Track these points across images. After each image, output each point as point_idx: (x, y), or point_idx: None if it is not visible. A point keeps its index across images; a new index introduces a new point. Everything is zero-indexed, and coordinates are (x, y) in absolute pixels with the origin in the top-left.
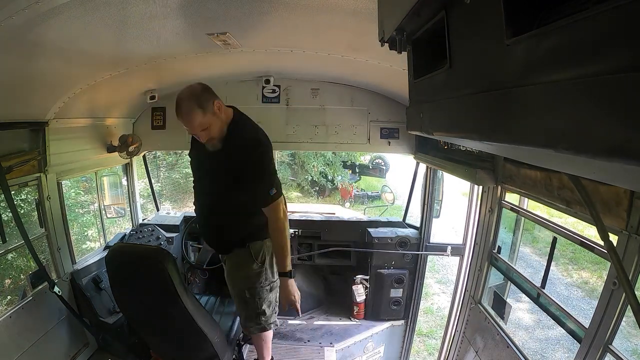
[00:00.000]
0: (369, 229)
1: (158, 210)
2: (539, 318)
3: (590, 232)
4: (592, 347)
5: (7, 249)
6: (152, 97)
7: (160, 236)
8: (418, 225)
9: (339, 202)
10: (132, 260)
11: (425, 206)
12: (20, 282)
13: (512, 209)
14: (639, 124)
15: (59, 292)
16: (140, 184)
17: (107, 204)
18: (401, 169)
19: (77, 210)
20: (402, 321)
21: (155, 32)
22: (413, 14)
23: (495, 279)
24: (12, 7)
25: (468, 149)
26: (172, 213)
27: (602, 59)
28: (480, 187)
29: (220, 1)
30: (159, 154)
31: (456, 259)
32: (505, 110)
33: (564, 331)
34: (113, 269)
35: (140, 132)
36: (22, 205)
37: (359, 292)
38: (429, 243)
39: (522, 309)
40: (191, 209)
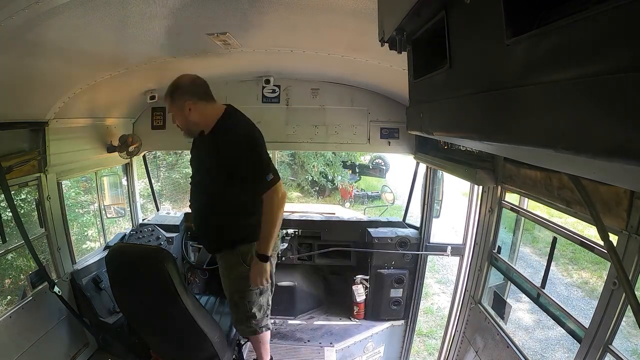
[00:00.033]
0: (369, 229)
1: (158, 210)
2: (539, 318)
3: (590, 232)
4: (592, 347)
5: (7, 249)
6: (152, 97)
7: (160, 236)
8: (418, 225)
9: (339, 202)
10: (132, 260)
11: (425, 206)
12: (20, 282)
13: (512, 209)
14: (639, 124)
15: (59, 292)
16: (140, 184)
17: (107, 204)
18: (401, 169)
19: (77, 210)
20: (402, 321)
21: (155, 32)
22: (413, 14)
23: (495, 279)
24: (12, 7)
25: (468, 149)
26: (172, 213)
27: (602, 59)
28: (480, 187)
29: (220, 1)
30: (159, 154)
31: (456, 259)
32: (505, 110)
33: (564, 331)
34: (113, 269)
35: (140, 132)
36: (22, 205)
37: (359, 292)
38: (429, 243)
39: (522, 309)
40: None
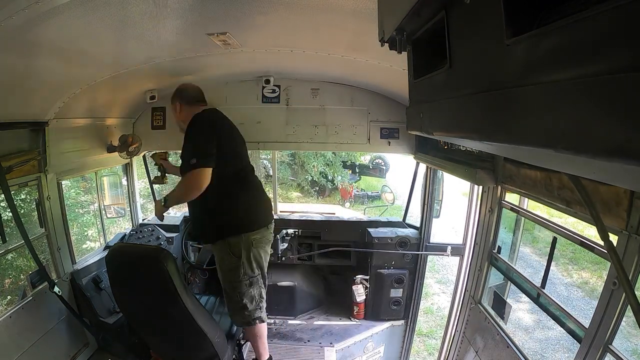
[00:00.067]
0: (369, 229)
1: None
2: (539, 318)
3: (590, 232)
4: (592, 347)
5: (7, 249)
6: (152, 97)
7: (160, 236)
8: (418, 225)
9: (339, 202)
10: (132, 260)
11: (425, 206)
12: (20, 282)
13: (512, 209)
14: (639, 124)
15: (59, 292)
16: (140, 184)
17: (107, 204)
18: (401, 169)
19: (77, 210)
20: (402, 321)
21: (155, 32)
22: (413, 14)
23: (495, 279)
24: (12, 7)
25: (468, 149)
26: (172, 213)
27: (602, 59)
28: (480, 187)
29: (220, 1)
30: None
31: (456, 259)
32: (505, 110)
33: (564, 331)
34: (113, 269)
35: (140, 132)
36: (22, 205)
37: (359, 292)
38: (429, 243)
39: (522, 309)
40: None
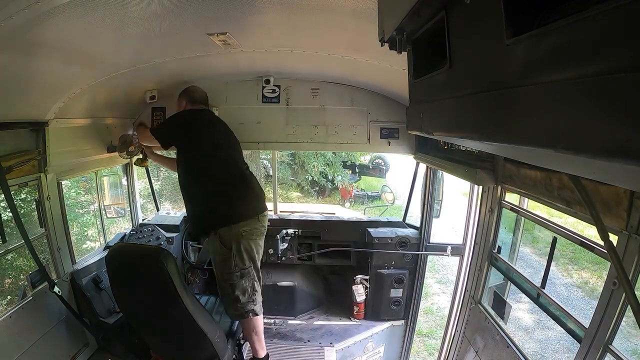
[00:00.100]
0: (369, 229)
1: (158, 210)
2: (539, 318)
3: (590, 232)
4: (592, 347)
5: (7, 249)
6: (152, 97)
7: (160, 236)
8: (418, 225)
9: (339, 202)
10: (132, 260)
11: (425, 206)
12: (20, 282)
13: (512, 209)
14: (639, 124)
15: (59, 292)
16: (140, 184)
17: (107, 204)
18: (401, 169)
19: (77, 210)
20: (402, 321)
21: (155, 32)
22: (413, 14)
23: (495, 279)
24: (12, 7)
25: (468, 149)
26: (172, 213)
27: (602, 59)
28: (480, 187)
29: (220, 1)
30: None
31: (456, 259)
32: (505, 110)
33: (564, 331)
34: (113, 269)
35: None
36: (22, 205)
37: (359, 292)
38: (429, 243)
39: (522, 309)
40: None
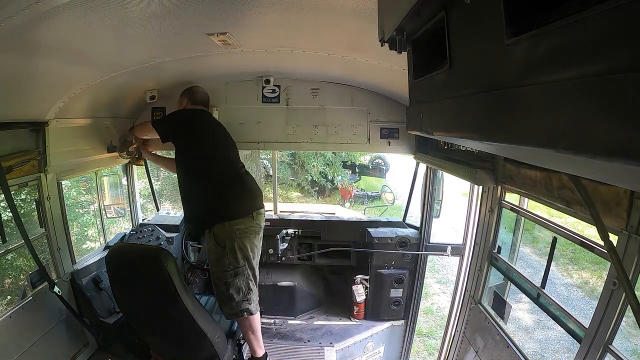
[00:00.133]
0: (369, 229)
1: (158, 210)
2: (539, 318)
3: (590, 232)
4: (592, 347)
5: (7, 249)
6: (152, 97)
7: (160, 236)
8: (418, 225)
9: (339, 202)
10: (132, 260)
11: (425, 206)
12: (20, 282)
13: (512, 209)
14: (639, 124)
15: (59, 292)
16: (140, 184)
17: (107, 204)
18: (401, 169)
19: (77, 210)
20: (402, 321)
21: (155, 32)
22: (413, 14)
23: (495, 279)
24: (12, 7)
25: (468, 149)
26: (172, 213)
27: (602, 59)
28: (480, 187)
29: (220, 1)
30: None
31: (456, 259)
32: (505, 110)
33: (564, 331)
34: (113, 269)
35: None
36: (22, 205)
37: (359, 292)
38: (429, 243)
39: (522, 309)
40: None
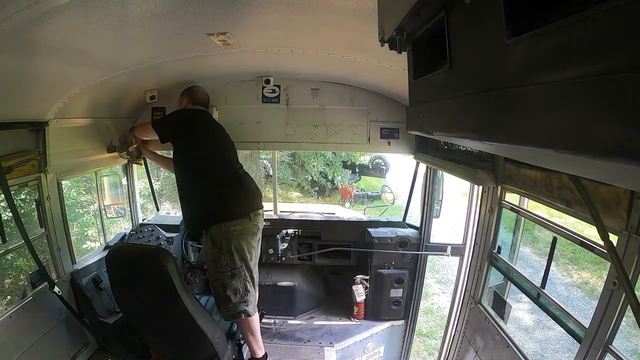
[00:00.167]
0: (369, 229)
1: (158, 210)
2: (539, 318)
3: (590, 232)
4: (592, 347)
5: (7, 249)
6: (152, 97)
7: (160, 236)
8: (418, 225)
9: (339, 202)
10: (132, 260)
11: (425, 206)
12: (20, 282)
13: (512, 209)
14: (639, 124)
15: (59, 292)
16: (140, 184)
17: (107, 204)
18: (401, 169)
19: (77, 210)
20: (402, 321)
21: (155, 32)
22: (413, 14)
23: (495, 279)
24: (12, 7)
25: (468, 149)
26: (172, 213)
27: (602, 59)
28: (480, 187)
29: (220, 1)
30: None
31: (456, 259)
32: (505, 110)
33: (564, 331)
34: (113, 269)
35: None
36: (22, 205)
37: (359, 292)
38: (429, 243)
39: (522, 309)
40: None
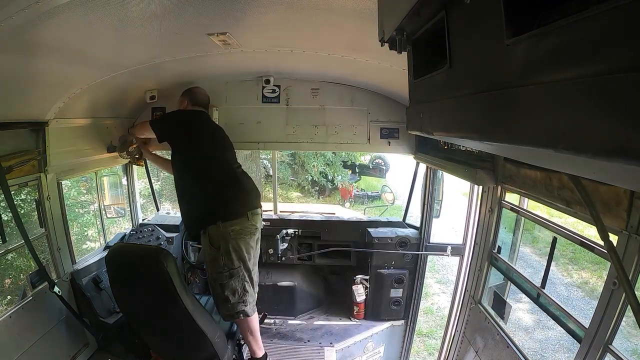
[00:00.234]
0: (369, 229)
1: (158, 210)
2: (539, 318)
3: (590, 232)
4: (592, 347)
5: (7, 249)
6: (152, 97)
7: (160, 236)
8: (418, 225)
9: (339, 202)
10: (132, 260)
11: (425, 206)
12: (20, 282)
13: (512, 209)
14: (639, 124)
15: (59, 292)
16: (140, 184)
17: (107, 204)
18: (401, 169)
19: (77, 210)
20: (402, 321)
21: (155, 32)
22: (413, 14)
23: (495, 279)
24: (12, 7)
25: (468, 149)
26: (172, 213)
27: (602, 59)
28: (480, 187)
29: (220, 1)
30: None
31: (456, 259)
32: (505, 110)
33: (564, 331)
34: (113, 269)
35: None
36: (22, 205)
37: (359, 292)
38: (429, 243)
39: (522, 309)
40: None
